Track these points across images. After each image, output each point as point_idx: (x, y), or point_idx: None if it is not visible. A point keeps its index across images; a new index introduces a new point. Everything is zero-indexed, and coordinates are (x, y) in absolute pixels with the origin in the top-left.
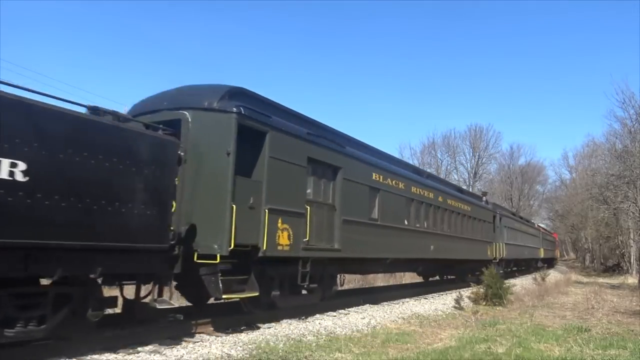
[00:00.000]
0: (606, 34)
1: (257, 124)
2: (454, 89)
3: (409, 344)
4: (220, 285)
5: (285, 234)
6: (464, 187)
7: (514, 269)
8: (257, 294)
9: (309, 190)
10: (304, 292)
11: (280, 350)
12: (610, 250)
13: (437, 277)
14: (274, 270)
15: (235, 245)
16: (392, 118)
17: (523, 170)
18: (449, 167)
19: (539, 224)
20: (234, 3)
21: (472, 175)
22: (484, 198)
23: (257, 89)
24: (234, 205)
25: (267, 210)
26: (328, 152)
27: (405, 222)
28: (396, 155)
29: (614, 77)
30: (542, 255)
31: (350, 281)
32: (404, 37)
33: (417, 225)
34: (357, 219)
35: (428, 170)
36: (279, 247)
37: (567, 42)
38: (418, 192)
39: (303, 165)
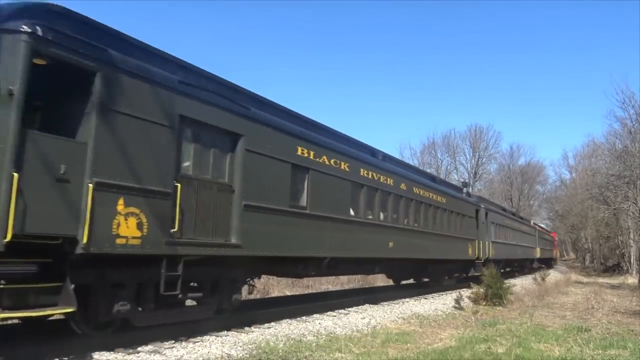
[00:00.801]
0: (606, 33)
1: (77, 57)
2: (454, 89)
3: (409, 344)
4: None
5: (133, 221)
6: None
7: (505, 270)
8: (72, 309)
9: (186, 163)
10: (191, 303)
11: (280, 350)
12: (610, 250)
13: (412, 281)
14: (118, 274)
15: (18, 236)
16: (392, 118)
17: (523, 170)
18: (449, 167)
19: (536, 222)
20: (234, 3)
21: (472, 175)
22: (465, 190)
23: (257, 88)
24: (17, 174)
25: (92, 185)
26: (219, 112)
27: (351, 213)
28: (396, 155)
29: (614, 77)
30: (538, 255)
31: (351, 281)
32: (404, 36)
33: (370, 217)
34: (271, 205)
35: (429, 171)
36: (120, 241)
37: (567, 42)
38: (371, 177)
39: (170, 126)
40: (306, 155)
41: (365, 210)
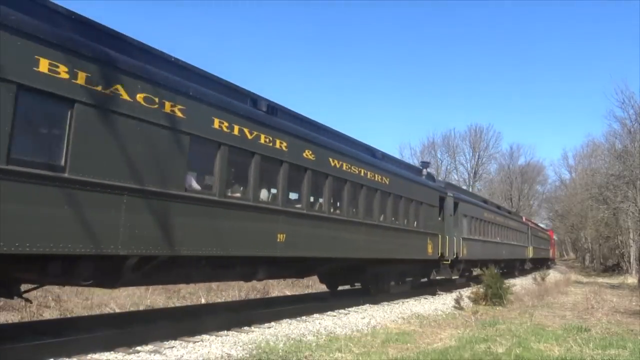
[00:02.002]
0: (606, 34)
1: None
2: (454, 89)
3: (409, 344)
4: None
5: None
6: (464, 187)
7: (483, 270)
8: None
9: None
10: None
11: (280, 350)
12: (610, 250)
13: (349, 286)
14: None
15: None
16: (392, 118)
17: (523, 170)
18: (449, 167)
19: (529, 219)
20: (233, 2)
21: (472, 175)
22: (426, 171)
23: (256, 88)
24: None
25: None
26: None
27: (193, 185)
28: (396, 155)
29: (613, 77)
30: (531, 255)
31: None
32: (404, 36)
33: (237, 194)
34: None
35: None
36: None
37: (566, 42)
38: (238, 133)
39: None
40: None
41: (226, 185)
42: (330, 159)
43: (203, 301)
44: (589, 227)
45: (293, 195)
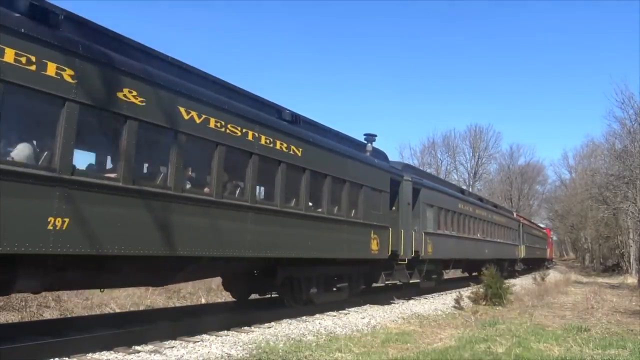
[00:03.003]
0: (606, 34)
1: None
2: (454, 89)
3: (409, 344)
4: None
5: None
6: (464, 188)
7: (451, 272)
8: None
9: None
10: None
11: (280, 350)
12: (610, 250)
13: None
14: None
15: None
16: (392, 117)
17: (523, 170)
18: (449, 167)
19: (521, 214)
20: (233, 2)
21: (472, 175)
22: (370, 146)
23: (256, 87)
24: None
25: None
26: None
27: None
28: (396, 155)
29: (613, 77)
30: (523, 255)
31: None
32: (404, 36)
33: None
34: None
35: (429, 171)
36: None
37: (566, 42)
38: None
39: None
40: None
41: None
42: (194, 114)
43: (203, 301)
44: (589, 227)
45: (149, 169)
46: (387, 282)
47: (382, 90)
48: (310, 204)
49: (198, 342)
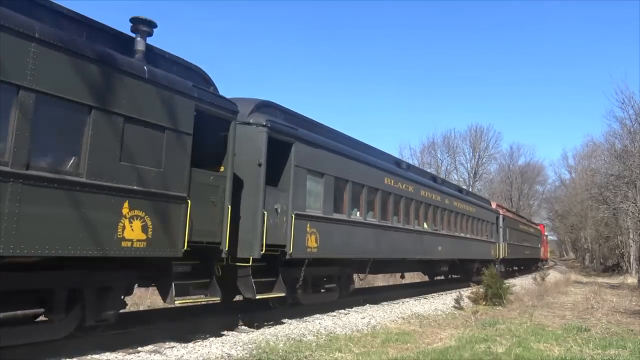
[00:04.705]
0: (606, 34)
1: None
2: (454, 89)
3: (409, 344)
4: None
5: None
6: (464, 187)
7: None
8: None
9: None
10: None
11: (280, 350)
12: (610, 250)
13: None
14: None
15: None
16: (392, 117)
17: (523, 170)
18: (449, 167)
19: (501, 204)
20: (233, 3)
21: (472, 175)
22: (142, 42)
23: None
24: None
25: None
26: None
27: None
28: (396, 155)
29: (613, 77)
30: (502, 255)
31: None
32: (404, 36)
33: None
34: None
35: (429, 171)
36: None
37: (566, 42)
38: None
39: None
40: None
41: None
42: None
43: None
44: (589, 227)
45: None
46: (178, 302)
47: (382, 90)
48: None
49: (198, 342)
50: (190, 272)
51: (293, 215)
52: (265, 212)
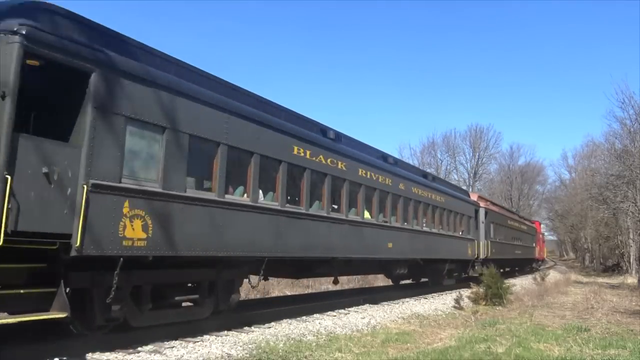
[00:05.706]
0: (606, 34)
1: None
2: (454, 89)
3: (408, 344)
4: None
5: None
6: (464, 187)
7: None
8: None
9: None
10: None
11: (280, 350)
12: (610, 250)
13: None
14: None
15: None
16: (392, 117)
17: (523, 170)
18: (449, 167)
19: (483, 196)
20: (233, 2)
21: (472, 175)
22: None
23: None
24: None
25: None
26: None
27: None
28: (396, 155)
29: (613, 77)
30: (484, 254)
31: (351, 280)
32: (404, 37)
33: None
34: None
35: (429, 171)
36: None
37: (567, 42)
38: None
39: None
40: None
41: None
42: None
43: None
44: (589, 227)
45: None
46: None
47: (382, 90)
48: None
49: (198, 342)
50: None
51: (86, 186)
52: (9, 176)
